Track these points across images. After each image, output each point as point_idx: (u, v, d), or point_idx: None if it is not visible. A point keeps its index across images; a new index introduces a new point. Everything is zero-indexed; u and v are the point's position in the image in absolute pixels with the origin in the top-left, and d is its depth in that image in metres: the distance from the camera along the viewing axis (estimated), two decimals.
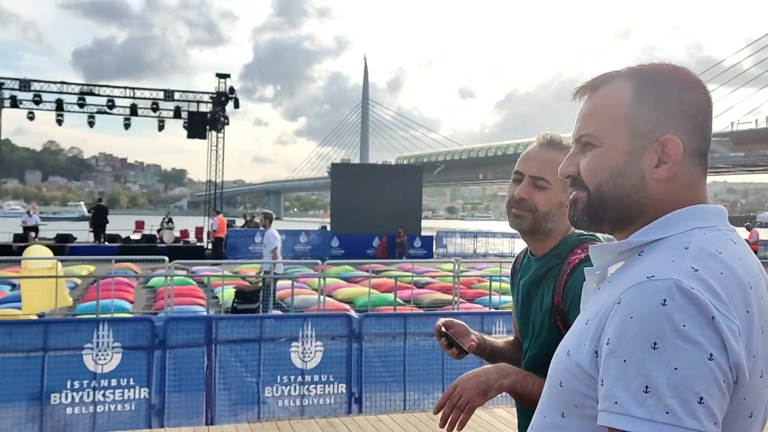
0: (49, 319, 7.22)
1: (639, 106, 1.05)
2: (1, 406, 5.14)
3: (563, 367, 1.04)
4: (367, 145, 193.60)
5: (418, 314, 6.77)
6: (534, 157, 1.67)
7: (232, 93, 25.59)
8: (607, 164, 1.06)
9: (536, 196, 1.64)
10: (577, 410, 1.02)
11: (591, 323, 0.99)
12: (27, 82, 24.21)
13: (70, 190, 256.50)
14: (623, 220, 1.08)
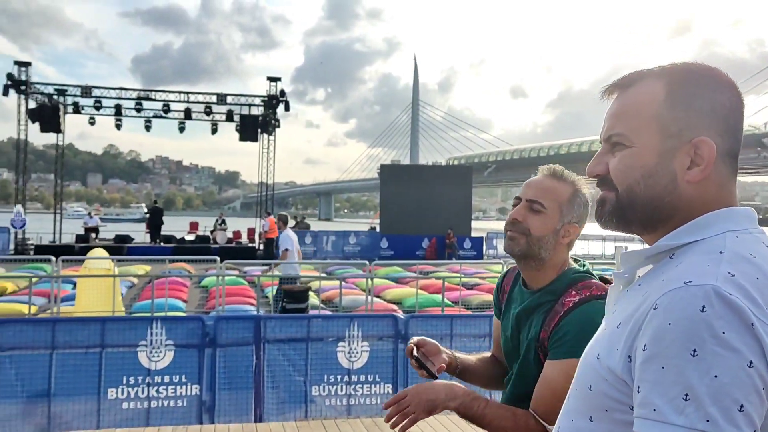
0: (106, 317, 7.49)
1: (671, 106, 1.03)
2: (62, 399, 5.36)
3: (592, 370, 1.02)
4: (417, 146, 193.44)
5: (464, 315, 6.75)
6: (534, 184, 1.74)
7: (283, 96, 25.93)
8: (638, 164, 1.04)
9: (530, 219, 1.69)
10: (606, 414, 1.00)
11: (623, 327, 0.97)
12: (88, 89, 25.13)
13: (129, 192, 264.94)
14: (653, 222, 1.06)
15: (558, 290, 1.69)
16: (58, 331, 5.43)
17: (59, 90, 24.81)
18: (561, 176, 1.74)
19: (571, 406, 1.10)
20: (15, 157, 25.39)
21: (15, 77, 22.91)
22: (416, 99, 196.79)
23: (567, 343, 1.61)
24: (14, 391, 5.27)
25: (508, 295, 1.86)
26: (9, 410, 5.21)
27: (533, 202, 1.69)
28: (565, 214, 1.71)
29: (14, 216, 21.00)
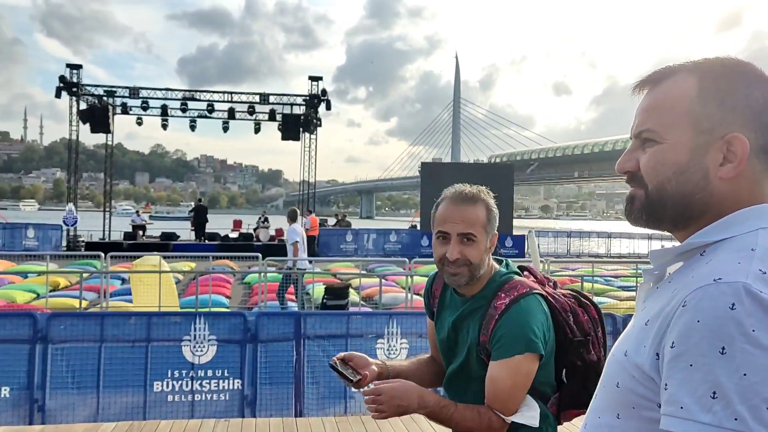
0: (151, 312, 7.69)
1: (704, 102, 1.01)
2: (111, 391, 5.53)
3: (620, 367, 1.02)
4: (458, 144, 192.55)
5: None
6: (456, 216, 1.81)
7: (324, 95, 26.11)
8: (670, 161, 1.03)
9: (467, 251, 1.80)
10: (634, 412, 1.00)
11: (651, 324, 0.97)
12: (136, 90, 25.81)
13: (175, 191, 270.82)
14: (685, 219, 1.05)
15: (488, 295, 1.84)
16: (107, 325, 5.61)
17: (108, 91, 25.52)
18: (473, 198, 1.83)
19: (599, 403, 1.10)
20: (67, 157, 26.23)
21: (67, 79, 23.66)
22: (457, 96, 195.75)
23: (506, 344, 1.76)
24: (65, 382, 5.47)
25: (439, 300, 2.00)
26: (61, 400, 5.41)
27: (465, 235, 1.79)
28: (488, 232, 1.83)
29: (66, 214, 21.71)
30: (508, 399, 1.80)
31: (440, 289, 2.01)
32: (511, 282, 1.84)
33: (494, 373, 1.78)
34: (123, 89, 25.81)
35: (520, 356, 1.75)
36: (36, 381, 5.36)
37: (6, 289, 11.57)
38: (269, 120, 26.95)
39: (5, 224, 22.36)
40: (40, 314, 5.63)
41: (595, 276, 13.04)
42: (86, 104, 24.75)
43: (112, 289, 11.30)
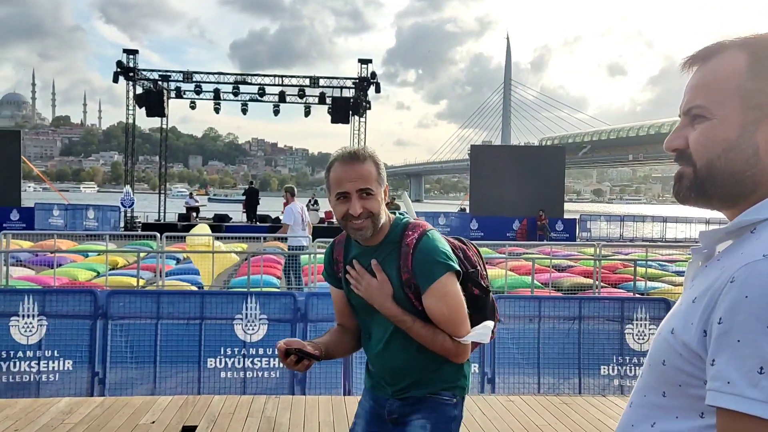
0: (205, 291, 7.89)
1: (754, 77, 0.99)
2: (167, 366, 5.72)
3: (667, 345, 1.02)
4: (509, 127, 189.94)
5: (553, 297, 6.62)
6: (351, 175, 1.93)
7: (374, 78, 26.07)
8: (720, 138, 1.01)
9: (368, 205, 1.93)
10: (680, 390, 1.00)
11: (699, 301, 0.96)
12: (189, 74, 26.30)
13: (227, 174, 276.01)
14: (734, 196, 1.03)
15: (396, 239, 2.00)
16: (162, 302, 5.80)
17: (163, 76, 26.08)
18: (361, 157, 1.96)
19: (644, 382, 1.10)
20: (124, 140, 27.00)
21: (124, 64, 24.28)
22: (508, 79, 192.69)
23: (428, 271, 1.93)
24: (124, 356, 5.69)
25: (344, 263, 2.11)
26: (120, 374, 5.63)
27: (363, 190, 1.93)
28: (381, 185, 1.98)
29: (124, 196, 22.41)
30: (453, 322, 1.96)
31: (342, 254, 2.13)
32: (412, 223, 2.03)
33: (429, 304, 1.94)
34: (177, 73, 26.33)
35: (443, 278, 1.92)
36: (97, 355, 5.59)
37: (68, 267, 12.05)
38: (319, 103, 27.09)
39: (67, 205, 23.23)
40: (100, 291, 5.85)
41: (648, 261, 12.71)
42: (142, 89, 25.36)
43: (167, 268, 11.65)
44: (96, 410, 4.49)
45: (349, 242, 2.12)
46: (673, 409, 1.02)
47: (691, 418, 0.99)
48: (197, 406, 4.66)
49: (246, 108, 28.08)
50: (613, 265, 13.47)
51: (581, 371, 5.94)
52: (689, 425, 0.99)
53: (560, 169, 27.30)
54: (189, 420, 4.35)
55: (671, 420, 1.02)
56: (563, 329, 5.99)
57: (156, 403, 4.69)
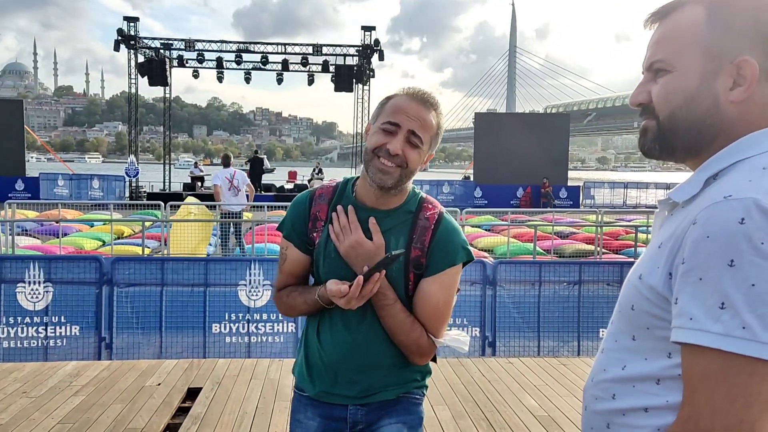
0: (209, 258, 7.96)
1: (712, 28, 1.02)
2: (172, 332, 5.82)
3: (635, 290, 1.05)
4: (513, 95, 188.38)
5: (553, 262, 6.67)
6: (413, 113, 1.60)
7: (377, 45, 25.80)
8: (680, 88, 1.04)
9: (408, 153, 1.61)
10: (648, 332, 1.03)
11: (665, 246, 0.99)
12: (191, 42, 26.08)
13: (232, 144, 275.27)
14: (697, 146, 1.06)
15: (413, 207, 1.69)
16: (167, 269, 5.87)
17: (165, 44, 25.86)
18: (433, 105, 1.64)
19: (615, 327, 1.13)
20: (128, 110, 26.92)
21: (125, 32, 24.08)
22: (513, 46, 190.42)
23: (448, 253, 1.65)
24: (130, 322, 5.79)
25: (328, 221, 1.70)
26: (127, 339, 5.73)
27: (414, 135, 1.60)
28: (432, 146, 1.68)
29: (128, 165, 22.45)
30: (441, 317, 1.68)
31: (326, 212, 1.72)
32: (429, 198, 1.74)
33: (431, 289, 1.65)
34: (179, 42, 26.11)
35: (459, 267, 1.66)
36: (103, 321, 5.69)
37: (74, 236, 12.14)
38: (322, 71, 26.88)
39: (72, 175, 23.30)
40: (105, 258, 5.92)
41: (650, 227, 12.72)
42: (144, 57, 25.19)
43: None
44: (103, 373, 4.59)
45: (341, 200, 1.72)
46: (643, 351, 1.06)
47: (659, 358, 1.03)
48: (202, 369, 4.75)
49: (249, 77, 27.94)
50: (616, 231, 13.49)
51: (580, 334, 6.02)
52: (658, 365, 1.03)
53: (564, 136, 27.14)
54: (194, 382, 4.44)
55: (640, 362, 1.06)
56: (563, 294, 6.06)
57: (162, 366, 4.79)
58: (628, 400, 1.08)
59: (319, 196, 1.74)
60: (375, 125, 1.63)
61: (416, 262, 1.64)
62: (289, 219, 1.76)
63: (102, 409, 3.91)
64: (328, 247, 1.69)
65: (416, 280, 1.66)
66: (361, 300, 1.58)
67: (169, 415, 3.86)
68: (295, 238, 1.74)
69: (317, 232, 1.71)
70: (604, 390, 1.13)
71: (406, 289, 1.66)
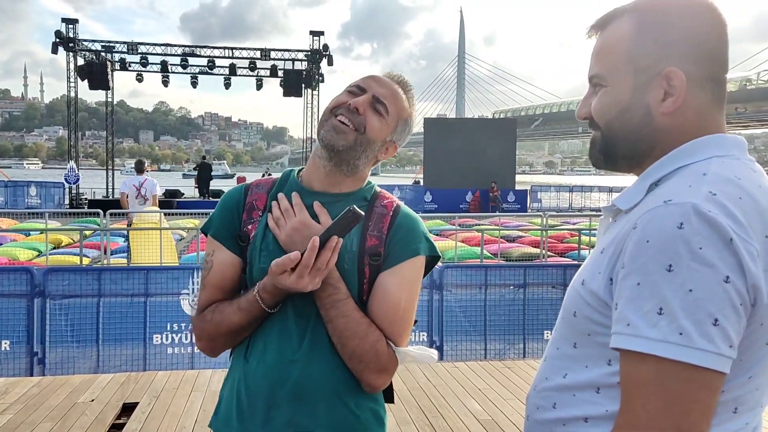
0: (149, 266, 7.73)
1: (641, 41, 1.03)
2: (111, 344, 5.62)
3: (577, 296, 1.04)
4: (463, 100, 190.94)
5: (499, 265, 6.74)
6: (385, 83, 1.46)
7: (326, 50, 25.71)
8: (614, 102, 1.06)
9: (370, 117, 1.41)
10: (589, 339, 1.01)
11: (606, 251, 0.99)
12: (134, 45, 25.43)
13: (180, 149, 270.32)
14: (636, 156, 1.07)
15: (367, 194, 1.46)
16: (104, 279, 5.66)
17: (106, 47, 25.16)
18: (406, 87, 1.50)
19: (558, 334, 1.11)
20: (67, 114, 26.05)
21: (63, 35, 23.31)
22: (462, 52, 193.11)
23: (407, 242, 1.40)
24: (65, 335, 5.55)
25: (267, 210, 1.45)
26: (61, 353, 5.50)
27: (378, 101, 1.42)
28: (397, 131, 1.48)
29: (68, 172, 21.69)
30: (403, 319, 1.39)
31: (266, 198, 1.47)
32: (384, 191, 1.52)
33: (390, 284, 1.37)
34: (121, 44, 25.44)
35: (420, 259, 1.41)
36: (35, 335, 5.43)
37: (8, 246, 11.63)
38: (270, 76, 26.61)
39: (7, 182, 22.40)
40: (37, 269, 5.67)
41: (593, 230, 13.02)
42: (84, 60, 24.43)
43: (114, 246, 11.35)
44: (33, 390, 4.37)
45: (282, 187, 1.47)
46: (583, 358, 1.04)
47: (599, 365, 1.01)
48: (139, 382, 4.58)
49: (196, 81, 27.40)
50: (562, 234, 13.73)
51: (526, 336, 6.08)
52: (598, 373, 1.01)
53: (512, 141, 27.58)
54: (130, 397, 4.27)
55: (581, 370, 1.04)
56: (509, 297, 6.11)
57: (96, 381, 4.60)
58: (569, 409, 1.05)
59: (257, 186, 1.50)
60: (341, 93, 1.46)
61: (373, 251, 1.38)
62: (218, 214, 1.48)
63: (30, 427, 3.71)
64: (266, 239, 1.40)
65: (372, 276, 1.38)
66: (316, 275, 1.28)
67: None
68: (224, 235, 1.45)
69: (253, 224, 1.43)
70: (545, 399, 1.11)
71: (360, 289, 1.38)
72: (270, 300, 1.35)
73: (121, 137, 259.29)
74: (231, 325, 1.39)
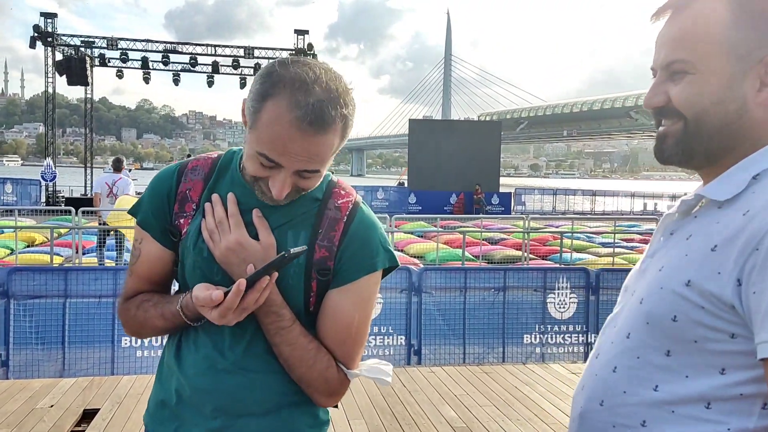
0: (118, 266, 7.53)
1: (738, 26, 0.95)
2: (77, 347, 5.43)
3: (679, 299, 0.93)
4: (449, 102, 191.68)
5: (479, 268, 6.63)
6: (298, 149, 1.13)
7: (311, 49, 25.53)
8: (706, 91, 0.97)
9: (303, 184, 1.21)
10: (695, 346, 0.92)
11: (725, 249, 0.90)
12: (114, 41, 25.02)
13: (163, 147, 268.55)
14: (721, 151, 0.99)
15: (319, 194, 1.28)
16: (71, 280, 5.47)
17: (85, 42, 24.75)
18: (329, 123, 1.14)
19: (633, 344, 1.00)
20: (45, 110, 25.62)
21: (41, 29, 22.91)
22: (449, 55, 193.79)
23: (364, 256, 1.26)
24: (29, 337, 5.35)
25: (199, 205, 1.28)
26: (26, 356, 5.30)
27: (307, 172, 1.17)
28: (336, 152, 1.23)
29: (44, 169, 21.28)
30: (355, 341, 1.28)
31: (201, 191, 1.29)
32: (341, 182, 1.34)
33: (343, 304, 1.25)
34: (101, 39, 25.06)
35: (377, 275, 1.28)
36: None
37: None
38: (254, 74, 26.32)
39: None
40: (1, 269, 5.46)
41: (575, 233, 12.99)
42: (62, 55, 24.03)
43: (88, 245, 11.11)
44: None
45: (223, 177, 1.29)
46: (683, 368, 0.94)
47: (708, 375, 0.92)
48: (103, 387, 4.41)
49: (178, 78, 27.03)
50: (544, 237, 13.70)
51: (505, 340, 5.98)
52: (707, 384, 0.92)
53: (496, 143, 27.58)
54: (92, 402, 4.10)
55: (680, 380, 0.94)
56: (489, 300, 6.00)
57: (58, 386, 4.41)
58: (666, 427, 0.94)
59: (192, 170, 1.30)
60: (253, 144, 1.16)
61: (321, 265, 1.24)
62: (147, 199, 1.31)
63: None
64: (200, 242, 1.25)
65: (320, 290, 1.26)
66: (241, 314, 1.16)
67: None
68: (153, 225, 1.30)
69: (186, 218, 1.28)
70: (628, 416, 0.99)
71: (307, 303, 1.25)
72: (193, 317, 1.23)
73: (103, 135, 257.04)
74: (155, 328, 1.30)
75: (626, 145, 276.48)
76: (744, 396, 0.89)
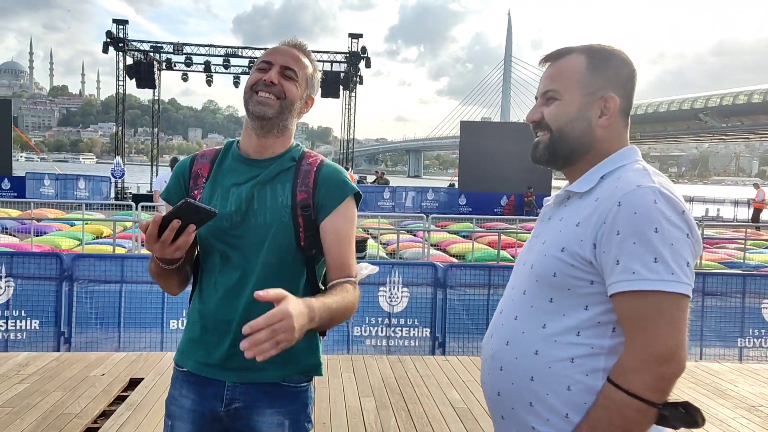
0: None
1: (591, 73, 1.43)
2: (132, 328, 5.99)
3: (557, 261, 1.35)
4: (508, 104, 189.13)
5: (502, 266, 6.88)
6: (284, 50, 1.73)
7: (364, 53, 25.97)
8: (566, 112, 1.44)
9: (286, 84, 1.69)
10: (568, 292, 1.34)
11: (585, 223, 1.33)
12: (180, 46, 26.25)
13: None
14: (576, 155, 1.45)
15: (295, 155, 1.74)
16: (126, 267, 6.05)
17: (154, 47, 26.04)
18: (302, 48, 1.76)
19: (528, 298, 1.42)
20: (116, 111, 27.06)
21: (113, 35, 24.24)
22: (509, 56, 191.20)
23: (334, 189, 1.68)
24: (89, 318, 5.96)
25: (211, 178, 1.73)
26: (86, 335, 5.89)
27: (287, 68, 1.69)
28: (309, 86, 1.76)
29: (114, 166, 22.57)
30: (353, 247, 1.71)
31: (210, 167, 1.76)
32: (310, 151, 1.80)
33: (335, 225, 1.67)
34: (167, 45, 26.27)
35: (350, 199, 1.70)
36: (63, 316, 5.86)
37: (53, 235, 12.30)
38: None
39: (58, 175, 23.43)
40: (66, 255, 6.10)
41: None
42: (133, 60, 25.34)
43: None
44: (51, 363, 4.77)
45: (225, 156, 1.77)
46: (561, 309, 1.36)
47: (577, 312, 1.33)
48: (149, 360, 4.94)
49: (238, 81, 28.01)
50: None
51: None
52: (577, 318, 1.33)
53: None
54: (138, 373, 4.62)
55: (559, 318, 1.35)
56: None
57: (110, 359, 4.97)
58: (552, 352, 1.34)
59: (202, 156, 1.80)
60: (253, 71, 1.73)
61: (303, 203, 1.67)
62: (171, 181, 1.79)
63: (43, 395, 4.09)
64: (212, 204, 1.66)
65: (306, 226, 1.66)
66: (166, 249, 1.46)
67: (107, 402, 4.05)
68: (174, 199, 1.74)
69: (198, 190, 1.73)
70: (526, 349, 1.38)
71: (298, 238, 1.65)
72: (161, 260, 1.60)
73: (172, 134, 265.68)
74: (156, 273, 1.68)
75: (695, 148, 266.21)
76: (600, 323, 1.31)
